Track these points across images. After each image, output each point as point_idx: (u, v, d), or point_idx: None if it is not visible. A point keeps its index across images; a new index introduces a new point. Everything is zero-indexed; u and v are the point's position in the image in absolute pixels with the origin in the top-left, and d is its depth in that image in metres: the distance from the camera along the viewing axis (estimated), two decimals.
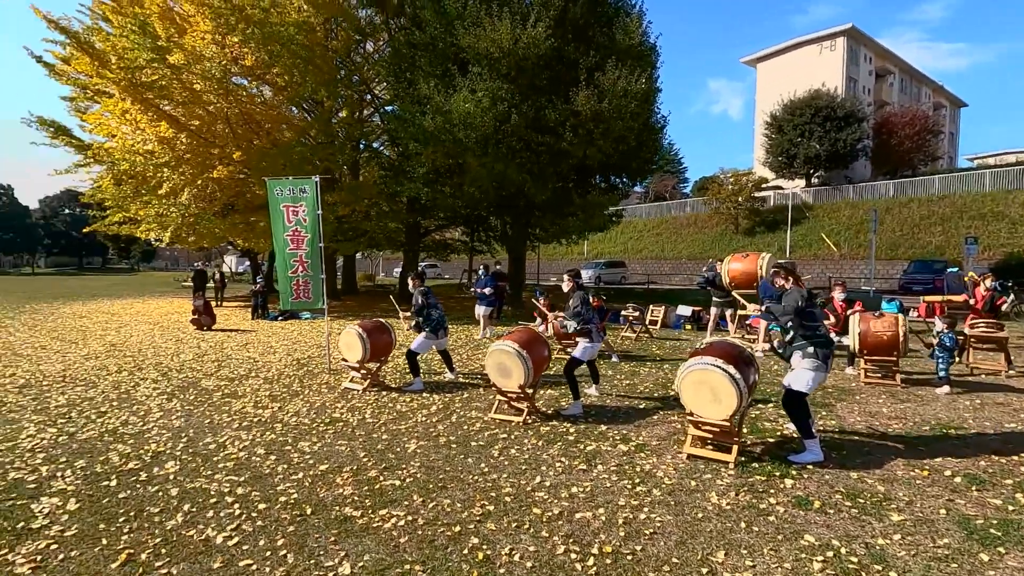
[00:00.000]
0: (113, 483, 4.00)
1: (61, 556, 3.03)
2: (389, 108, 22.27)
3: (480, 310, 12.22)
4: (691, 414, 4.40)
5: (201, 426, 5.43)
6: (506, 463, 4.38)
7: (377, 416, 5.80)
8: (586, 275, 27.64)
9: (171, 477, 4.13)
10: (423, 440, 4.98)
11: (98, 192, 19.51)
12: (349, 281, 26.51)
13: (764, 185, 38.65)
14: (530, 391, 5.57)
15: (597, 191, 18.81)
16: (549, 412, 5.85)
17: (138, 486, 3.96)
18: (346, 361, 7.06)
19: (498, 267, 14.67)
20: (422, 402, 6.37)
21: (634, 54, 15.55)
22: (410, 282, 7.38)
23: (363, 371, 6.99)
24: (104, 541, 3.19)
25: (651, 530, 3.28)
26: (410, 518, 3.45)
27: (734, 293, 7.61)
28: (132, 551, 3.06)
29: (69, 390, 6.87)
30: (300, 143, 17.17)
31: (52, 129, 18.36)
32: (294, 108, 19.96)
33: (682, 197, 50.48)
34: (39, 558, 3.00)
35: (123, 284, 38.29)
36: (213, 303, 20.64)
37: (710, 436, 4.46)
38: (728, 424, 4.22)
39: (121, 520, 3.45)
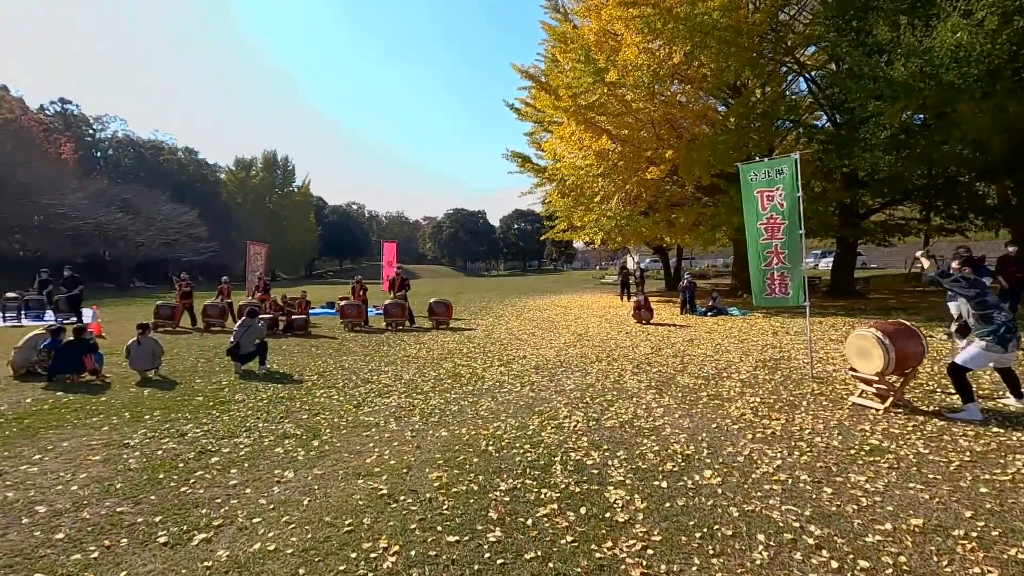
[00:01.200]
0: (664, 485, 3.90)
1: (664, 568, 2.88)
2: (814, 73, 19.28)
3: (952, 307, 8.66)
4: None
5: (710, 430, 5.10)
6: None
7: (942, 453, 4.28)
8: None
9: (718, 491, 3.77)
10: None
11: (549, 206, 23.64)
12: None
13: None
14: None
15: None
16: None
17: (691, 494, 3.73)
18: (855, 371, 5.71)
19: (1012, 249, 10.29)
20: (996, 437, 4.46)
21: None
22: (953, 266, 5.43)
23: (882, 386, 5.49)
24: (696, 561, 2.93)
25: None
26: None
27: None
28: None
29: (571, 375, 7.87)
30: (724, 131, 16.41)
31: (519, 159, 23.22)
32: (713, 99, 19.47)
33: None
34: (644, 563, 2.92)
35: (557, 282, 46.23)
36: (623, 298, 22.22)
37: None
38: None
39: (697, 536, 3.18)
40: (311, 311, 15.71)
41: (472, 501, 3.70)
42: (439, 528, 3.33)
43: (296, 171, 70.04)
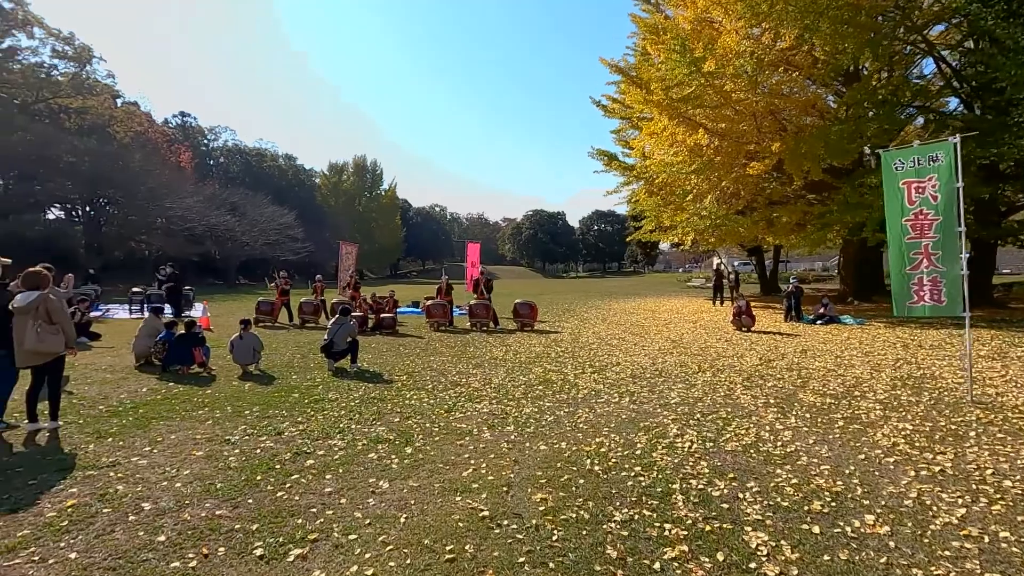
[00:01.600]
0: (816, 531, 3.24)
1: None
2: (945, 53, 17.09)
3: None
4: None
5: (857, 462, 4.32)
6: None
7: None
8: None
9: (890, 545, 3.06)
10: None
11: (636, 205, 22.72)
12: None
13: None
14: None
15: None
16: None
17: (854, 546, 3.05)
18: None
19: None
20: None
21: None
22: None
23: None
24: None
25: None
26: None
27: None
28: None
29: (673, 386, 7.21)
30: (837, 121, 14.84)
31: (605, 157, 22.48)
32: (821, 88, 17.78)
33: None
34: None
35: (639, 285, 44.71)
36: (716, 303, 20.79)
37: None
38: None
39: None
40: (398, 310, 15.96)
41: (585, 533, 3.25)
42: (551, 565, 2.91)
43: (384, 175, 73.06)
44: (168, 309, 17.80)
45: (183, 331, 8.40)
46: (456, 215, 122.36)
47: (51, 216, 37.00)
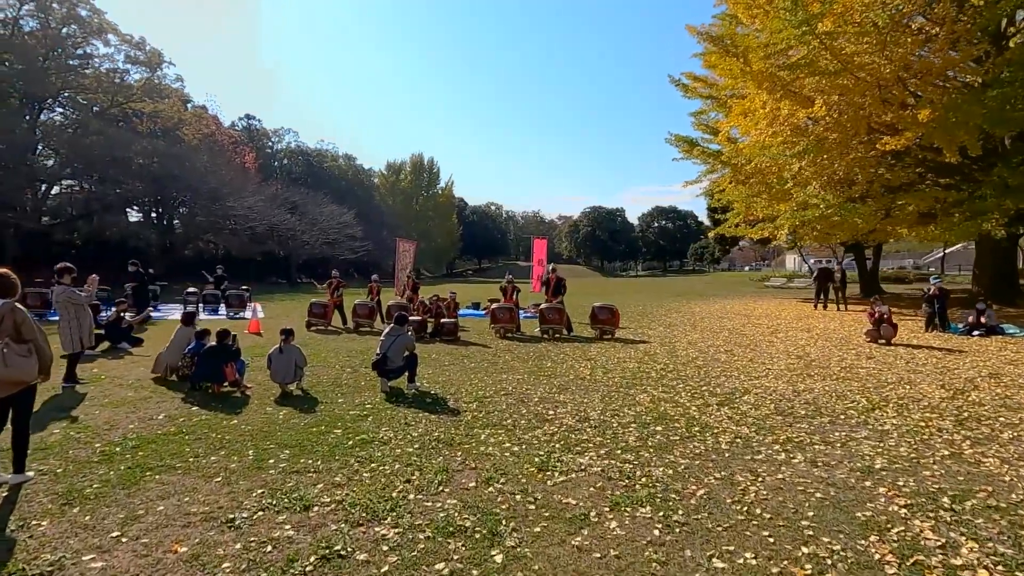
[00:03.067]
0: None
1: None
2: None
3: None
4: None
5: None
6: None
7: None
8: None
9: None
10: None
11: (722, 195, 20.21)
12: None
13: None
14: None
15: None
16: None
17: None
18: None
19: None
20: None
21: None
22: None
23: None
24: None
25: None
26: None
27: None
28: None
29: (853, 433, 5.14)
30: (1000, 82, 11.96)
31: (685, 144, 20.09)
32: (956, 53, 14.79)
33: None
34: None
35: (709, 284, 41.47)
36: (837, 306, 18.01)
37: None
38: None
39: None
40: (459, 312, 14.43)
41: None
42: None
43: (440, 173, 72.57)
44: (224, 312, 17.12)
45: (214, 343, 7.06)
46: (512, 213, 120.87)
47: (127, 217, 38.23)
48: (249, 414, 5.92)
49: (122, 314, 10.56)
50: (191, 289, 16.90)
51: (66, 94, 33.06)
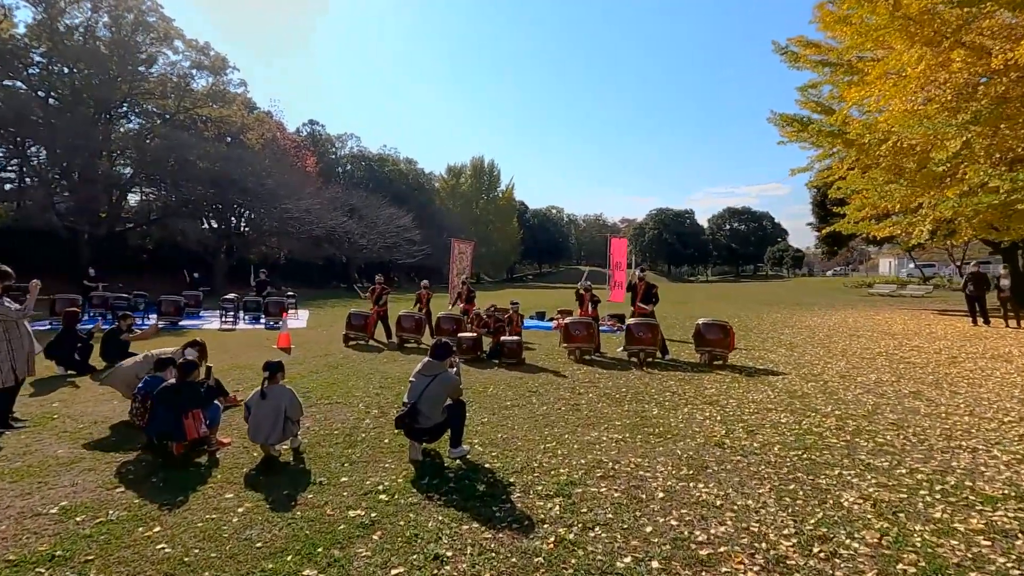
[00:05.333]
0: None
1: None
2: None
3: None
4: None
5: None
6: None
7: None
8: None
9: None
10: None
11: (843, 184, 16.65)
12: None
13: None
14: None
15: None
16: None
17: None
18: None
19: None
20: None
21: None
22: None
23: None
24: None
25: None
26: None
27: None
28: None
29: None
30: None
31: (794, 125, 16.67)
32: None
33: None
34: None
35: (795, 291, 36.71)
36: (1006, 321, 14.07)
37: None
38: None
39: None
40: (524, 325, 11.95)
41: None
42: None
43: (501, 176, 70.75)
44: (248, 317, 15.46)
45: (173, 381, 4.86)
46: (573, 216, 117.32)
47: (194, 222, 38.54)
48: (192, 508, 3.64)
49: (125, 328, 8.74)
50: (228, 296, 15.34)
51: (135, 101, 33.53)
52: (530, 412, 6.13)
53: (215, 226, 38.74)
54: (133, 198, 38.63)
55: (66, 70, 30.08)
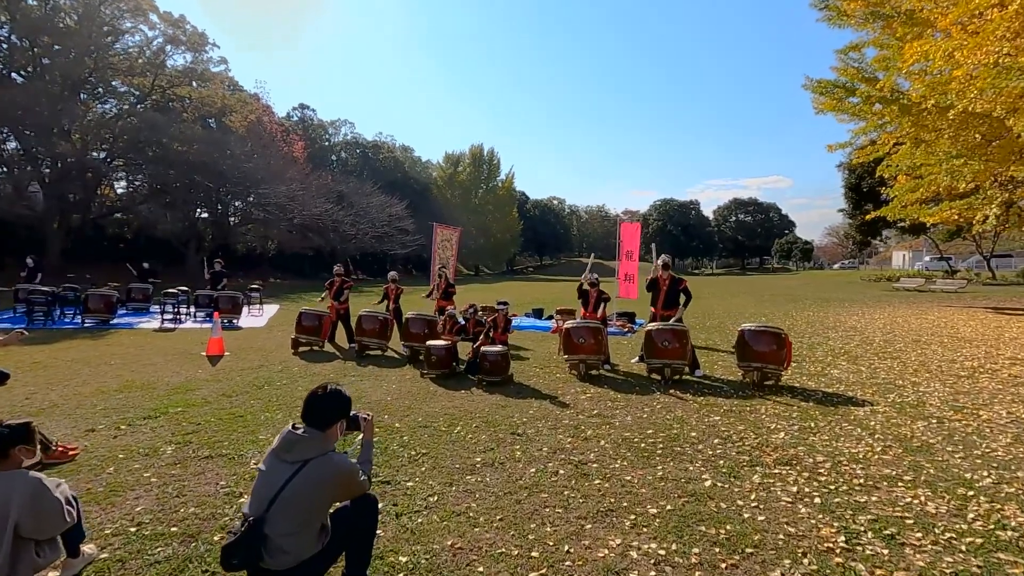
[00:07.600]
0: None
1: None
2: None
3: None
4: None
5: None
6: None
7: None
8: None
9: None
10: None
11: (892, 161, 14.28)
12: None
13: None
14: None
15: None
16: None
17: None
18: None
19: None
20: None
21: None
22: None
23: None
24: None
25: None
26: None
27: None
28: None
29: None
30: None
31: (838, 91, 14.26)
32: None
33: None
34: None
35: (810, 285, 34.35)
36: None
37: None
38: None
39: None
40: (515, 324, 9.69)
41: None
42: None
43: (501, 165, 68.20)
44: (200, 314, 13.25)
45: None
46: (575, 207, 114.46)
47: (172, 210, 36.22)
48: None
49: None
50: (170, 290, 13.06)
51: (106, 79, 31.12)
52: (509, 478, 3.88)
53: (197, 214, 36.44)
54: (118, 186, 36.37)
55: (27, 43, 27.63)
